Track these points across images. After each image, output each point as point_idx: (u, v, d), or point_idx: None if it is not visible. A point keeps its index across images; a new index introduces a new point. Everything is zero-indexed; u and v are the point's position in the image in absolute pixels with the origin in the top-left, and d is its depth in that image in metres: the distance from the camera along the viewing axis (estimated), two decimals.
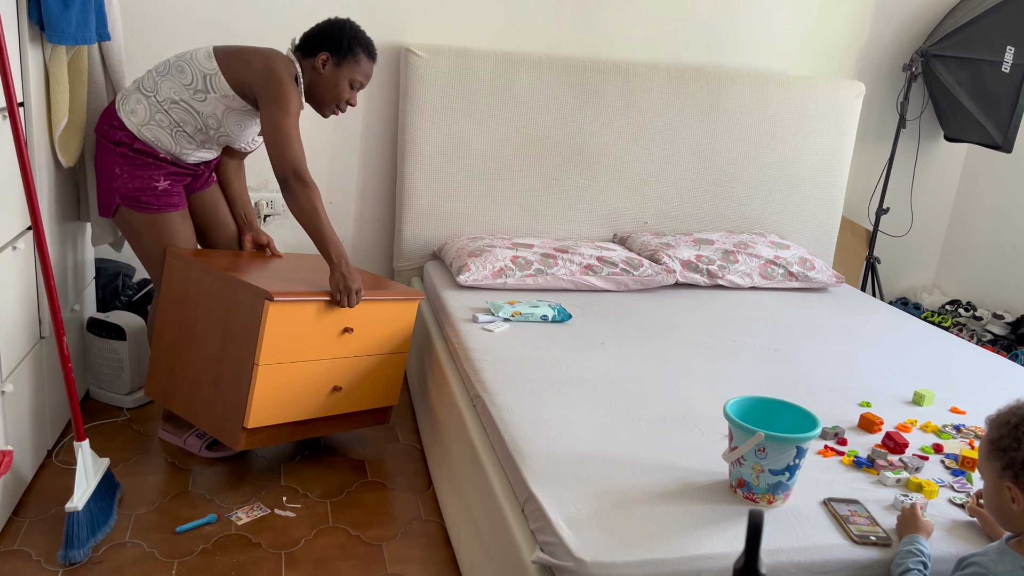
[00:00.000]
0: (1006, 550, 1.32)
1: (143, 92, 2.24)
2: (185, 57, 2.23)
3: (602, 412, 1.98)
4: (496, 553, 1.73)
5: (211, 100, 2.23)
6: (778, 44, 3.51)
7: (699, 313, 2.79)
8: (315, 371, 2.26)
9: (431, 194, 3.11)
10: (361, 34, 2.30)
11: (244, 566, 1.99)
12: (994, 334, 3.71)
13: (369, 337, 2.36)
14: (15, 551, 1.98)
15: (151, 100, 2.22)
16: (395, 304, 2.38)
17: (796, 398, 2.15)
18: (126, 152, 2.24)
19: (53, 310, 1.98)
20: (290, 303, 2.11)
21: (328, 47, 2.26)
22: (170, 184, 2.31)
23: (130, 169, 2.25)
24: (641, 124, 3.28)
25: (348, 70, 2.29)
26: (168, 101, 2.22)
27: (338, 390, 2.33)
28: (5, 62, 1.81)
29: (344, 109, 2.36)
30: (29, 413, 2.19)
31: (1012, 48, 3.31)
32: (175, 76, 2.22)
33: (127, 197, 2.27)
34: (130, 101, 2.24)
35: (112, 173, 2.25)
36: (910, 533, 1.52)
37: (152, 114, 2.22)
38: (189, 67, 2.22)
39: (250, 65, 2.20)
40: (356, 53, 2.28)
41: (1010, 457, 1.29)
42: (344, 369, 2.33)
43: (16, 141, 1.88)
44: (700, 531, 1.53)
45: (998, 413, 1.35)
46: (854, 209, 3.92)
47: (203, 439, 2.45)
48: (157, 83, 2.23)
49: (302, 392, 2.25)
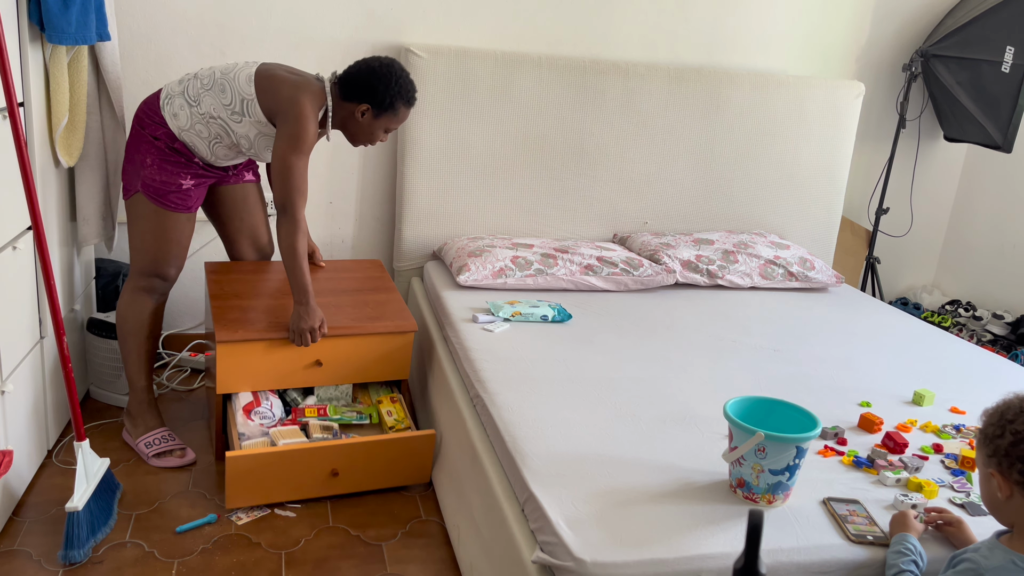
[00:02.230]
0: (997, 545, 1.34)
1: (187, 99, 2.27)
2: (229, 76, 2.27)
3: (602, 412, 1.98)
4: (496, 553, 1.73)
5: (246, 123, 2.28)
6: (778, 44, 3.51)
7: (699, 313, 2.79)
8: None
9: (431, 194, 3.11)
10: (404, 86, 2.28)
11: (244, 566, 1.99)
12: (994, 334, 3.71)
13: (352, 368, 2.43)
14: (15, 551, 1.98)
15: (194, 110, 2.27)
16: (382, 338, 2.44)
17: (796, 398, 2.15)
18: (163, 148, 2.29)
19: (53, 310, 1.98)
20: (238, 343, 2.28)
21: (370, 100, 2.26)
22: (195, 184, 2.37)
23: (160, 163, 2.30)
24: (641, 124, 3.28)
25: (385, 121, 2.32)
26: (208, 116, 2.27)
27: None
28: (5, 62, 1.81)
29: (374, 144, 2.42)
30: (29, 413, 2.19)
31: (1012, 48, 3.31)
32: (217, 94, 2.26)
33: (149, 187, 2.31)
34: (174, 104, 2.28)
35: (143, 161, 2.30)
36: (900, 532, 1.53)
37: (193, 123, 2.28)
38: (231, 87, 2.26)
39: (278, 94, 2.23)
40: (396, 108, 2.29)
41: (995, 445, 1.31)
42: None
43: (16, 141, 1.88)
44: (700, 531, 1.53)
45: (993, 405, 1.37)
46: (854, 209, 3.92)
47: (151, 447, 2.42)
48: (200, 95, 2.27)
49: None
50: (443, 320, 2.62)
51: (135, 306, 2.41)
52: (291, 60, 2.97)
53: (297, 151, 2.21)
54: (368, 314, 2.47)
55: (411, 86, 2.31)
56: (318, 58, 3.00)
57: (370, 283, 2.70)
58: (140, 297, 2.41)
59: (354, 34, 3.02)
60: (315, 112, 2.24)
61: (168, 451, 2.41)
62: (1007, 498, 1.30)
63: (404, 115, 2.34)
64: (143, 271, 2.39)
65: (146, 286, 2.40)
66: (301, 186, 2.24)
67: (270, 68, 2.30)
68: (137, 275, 2.40)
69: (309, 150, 2.24)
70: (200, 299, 3.12)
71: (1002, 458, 1.29)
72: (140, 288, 2.41)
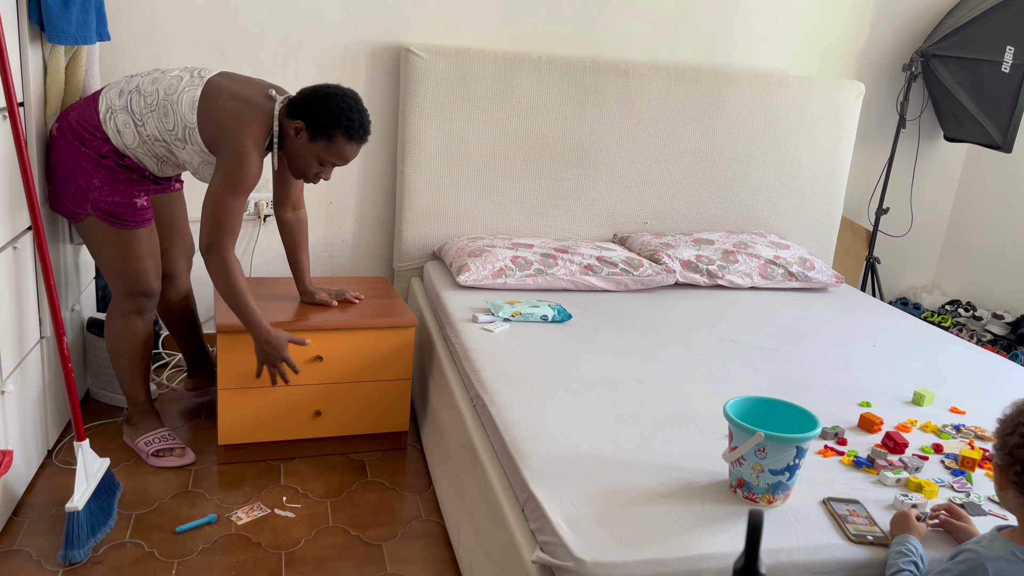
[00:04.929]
0: (997, 537, 1.36)
1: (133, 117, 2.13)
2: (172, 97, 2.11)
3: (602, 412, 1.98)
4: (496, 553, 1.73)
5: (189, 150, 2.16)
6: (778, 44, 3.51)
7: (699, 313, 2.79)
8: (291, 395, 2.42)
9: (431, 194, 3.11)
10: (348, 115, 2.09)
11: (244, 566, 1.99)
12: (994, 334, 3.71)
13: (351, 364, 2.46)
14: (15, 551, 1.98)
15: (140, 130, 2.14)
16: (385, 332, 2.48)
17: (796, 398, 2.15)
18: (111, 165, 2.16)
19: (53, 310, 1.98)
20: (241, 334, 2.29)
21: (306, 117, 2.09)
22: (147, 199, 2.26)
23: (112, 184, 2.15)
24: (641, 124, 3.28)
25: (319, 148, 2.12)
26: (153, 138, 2.15)
27: (319, 415, 2.46)
28: (5, 62, 1.81)
29: (312, 181, 2.21)
30: (29, 413, 2.19)
31: (1012, 48, 3.31)
32: (160, 117, 2.12)
33: (102, 210, 2.17)
34: (117, 119, 2.14)
35: (90, 183, 2.14)
36: (901, 534, 1.53)
37: (140, 142, 2.15)
38: (173, 112, 2.11)
39: (220, 128, 2.08)
40: (332, 135, 2.10)
41: (1004, 439, 1.34)
42: (325, 395, 2.45)
43: (16, 141, 1.88)
44: (700, 531, 1.53)
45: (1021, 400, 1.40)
46: (854, 209, 3.92)
47: (150, 445, 2.41)
48: (145, 116, 2.13)
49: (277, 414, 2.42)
50: (443, 320, 2.62)
51: (127, 330, 2.33)
52: (291, 60, 2.98)
53: (233, 192, 2.06)
54: (369, 312, 2.49)
55: (356, 117, 2.10)
56: (318, 58, 3.00)
57: (373, 291, 2.72)
58: (131, 321, 2.32)
59: (354, 34, 3.02)
60: (259, 146, 2.09)
61: (168, 450, 2.41)
62: (1001, 490, 1.36)
63: (342, 148, 2.11)
64: (126, 294, 2.29)
65: (133, 308, 2.31)
66: (233, 227, 2.09)
67: (216, 90, 2.11)
68: (121, 299, 2.30)
69: (247, 192, 2.09)
70: (201, 299, 3.12)
71: (1005, 454, 1.33)
72: (128, 312, 2.31)
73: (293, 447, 2.49)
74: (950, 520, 1.59)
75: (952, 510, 1.61)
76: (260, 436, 2.42)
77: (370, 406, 2.50)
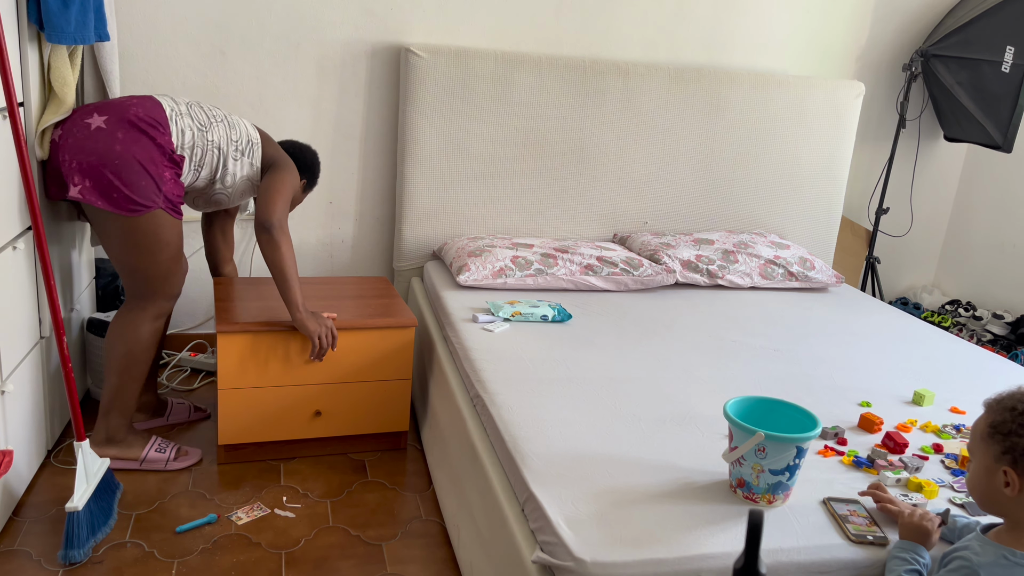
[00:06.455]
0: (986, 541, 1.33)
1: (196, 122, 2.25)
2: (233, 117, 2.36)
3: (602, 412, 1.98)
4: (496, 553, 1.73)
5: (243, 163, 2.35)
6: (778, 44, 3.51)
7: (699, 313, 2.79)
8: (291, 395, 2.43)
9: (431, 194, 3.11)
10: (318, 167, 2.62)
11: (244, 566, 1.99)
12: (994, 334, 3.71)
13: (351, 364, 2.46)
14: (15, 551, 1.98)
15: (203, 134, 2.25)
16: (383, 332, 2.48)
17: (796, 398, 2.15)
18: (178, 160, 2.21)
19: (53, 310, 1.98)
20: (240, 334, 2.31)
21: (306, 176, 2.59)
22: None
23: (174, 177, 2.21)
24: (641, 124, 3.28)
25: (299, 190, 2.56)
26: (214, 144, 2.28)
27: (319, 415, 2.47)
28: (5, 62, 1.81)
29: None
30: (29, 413, 2.18)
31: (1012, 48, 3.31)
32: (227, 128, 2.32)
33: (170, 202, 2.20)
34: (183, 121, 2.22)
35: (162, 176, 2.16)
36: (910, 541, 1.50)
37: (195, 145, 2.23)
38: (239, 127, 2.35)
39: (277, 151, 2.43)
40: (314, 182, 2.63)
41: (1012, 442, 1.29)
42: (325, 395, 2.45)
43: (16, 141, 1.88)
44: (700, 531, 1.53)
45: (999, 398, 1.36)
46: (854, 209, 3.92)
47: (163, 452, 2.36)
48: (210, 123, 2.28)
49: (277, 414, 2.42)
50: (443, 320, 2.62)
51: (153, 337, 2.29)
52: (291, 60, 2.98)
53: (287, 184, 2.32)
54: (369, 312, 2.48)
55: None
56: (318, 58, 3.00)
57: (373, 291, 2.72)
58: (157, 325, 2.29)
59: (354, 34, 3.02)
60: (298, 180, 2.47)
61: (175, 450, 2.41)
62: (1017, 494, 1.29)
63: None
64: (164, 295, 2.26)
65: (162, 311, 2.28)
66: (288, 209, 2.32)
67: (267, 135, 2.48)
68: (154, 302, 2.25)
69: (290, 196, 2.35)
70: (200, 299, 3.12)
71: (1019, 456, 1.28)
72: (158, 315, 2.28)
73: (293, 447, 2.50)
74: (886, 507, 1.60)
75: (880, 488, 1.65)
76: (260, 436, 2.41)
77: (370, 406, 2.51)
